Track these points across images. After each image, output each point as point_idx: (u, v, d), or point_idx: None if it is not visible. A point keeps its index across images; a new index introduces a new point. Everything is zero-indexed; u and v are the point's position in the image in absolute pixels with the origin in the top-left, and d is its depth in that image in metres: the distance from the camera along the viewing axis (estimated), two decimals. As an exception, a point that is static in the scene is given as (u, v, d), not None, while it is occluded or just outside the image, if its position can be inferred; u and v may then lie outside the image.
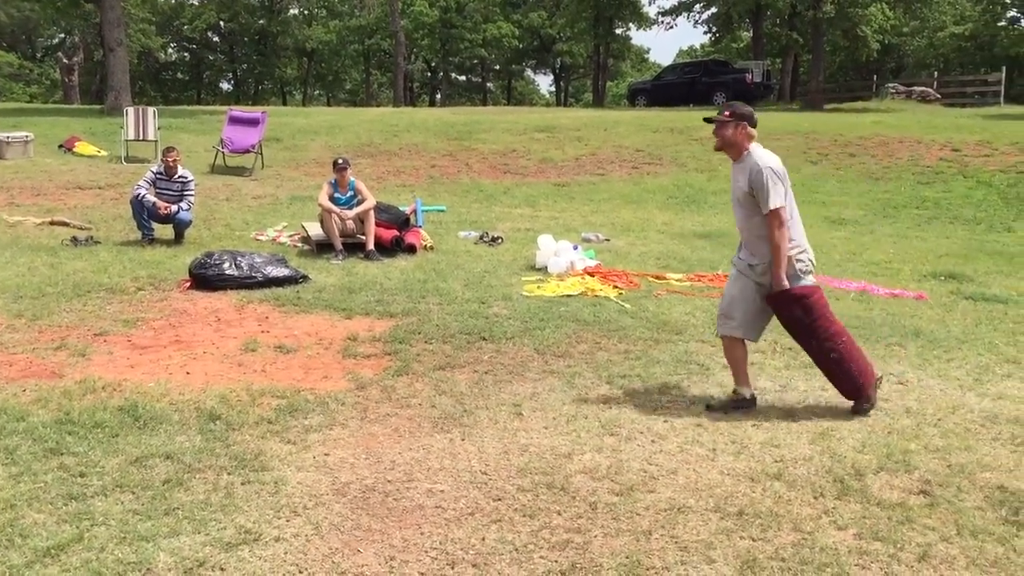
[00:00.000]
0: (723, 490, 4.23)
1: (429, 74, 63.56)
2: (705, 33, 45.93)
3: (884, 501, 4.14)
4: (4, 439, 4.67)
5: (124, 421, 4.96)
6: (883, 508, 4.07)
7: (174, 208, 10.05)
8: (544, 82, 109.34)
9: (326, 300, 7.95)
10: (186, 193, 10.22)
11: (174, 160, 10.23)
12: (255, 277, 8.34)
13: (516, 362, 6.23)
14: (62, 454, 4.50)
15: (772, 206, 5.03)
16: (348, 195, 9.97)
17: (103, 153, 15.85)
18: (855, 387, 5.29)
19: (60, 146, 16.19)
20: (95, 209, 12.11)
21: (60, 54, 48.51)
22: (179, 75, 65.31)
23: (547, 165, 17.61)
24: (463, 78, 64.86)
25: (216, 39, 62.78)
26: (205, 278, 8.26)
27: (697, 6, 41.45)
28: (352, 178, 10.06)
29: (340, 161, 10.02)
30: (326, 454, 4.62)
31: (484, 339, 6.76)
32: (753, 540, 3.76)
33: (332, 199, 9.86)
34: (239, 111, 16.80)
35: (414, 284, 8.57)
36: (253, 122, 15.70)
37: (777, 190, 5.04)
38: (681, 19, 43.08)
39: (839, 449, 4.76)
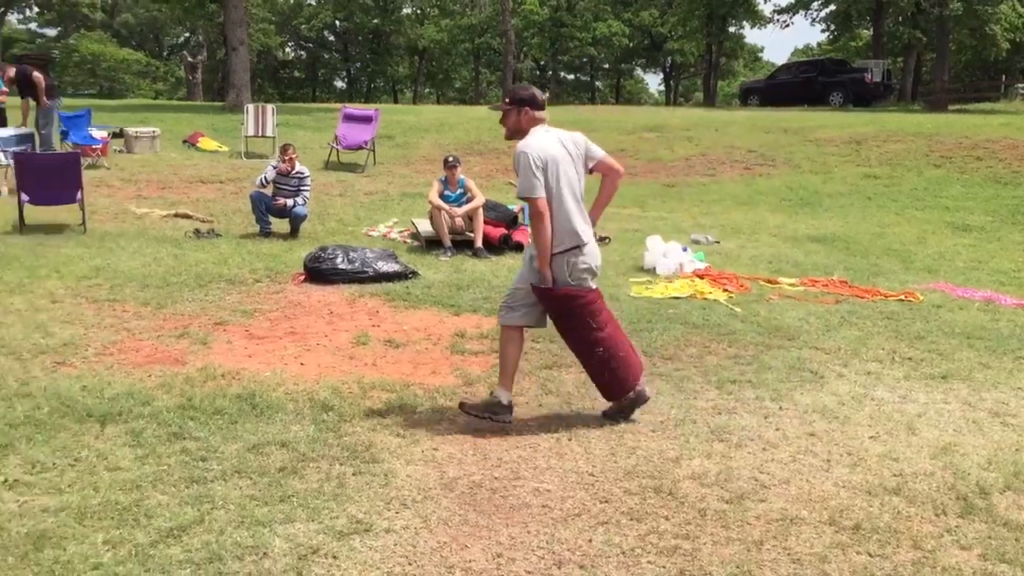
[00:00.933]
0: (838, 503, 4.11)
1: (538, 72, 63.73)
2: (823, 31, 44.59)
3: (1012, 522, 3.94)
4: (131, 422, 4.88)
5: (243, 408, 5.13)
6: (1010, 529, 3.87)
7: (290, 202, 10.34)
8: (653, 81, 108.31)
9: (435, 296, 8.05)
10: (303, 188, 10.50)
11: (291, 158, 10.52)
12: (366, 272, 8.51)
13: (623, 363, 6.18)
14: (184, 438, 4.68)
15: (522, 194, 4.76)
16: (458, 192, 10.08)
17: (224, 148, 16.44)
18: (615, 386, 5.10)
19: (184, 141, 16.86)
20: (216, 203, 12.58)
21: (185, 53, 50.55)
22: (296, 73, 67.22)
23: (656, 165, 17.45)
24: (572, 77, 64.83)
25: (331, 38, 64.40)
26: (319, 271, 8.48)
27: (815, 3, 40.39)
28: (462, 176, 10.16)
29: (450, 159, 10.14)
30: (435, 448, 4.68)
31: (591, 339, 6.73)
32: (870, 556, 3.63)
33: (442, 196, 9.97)
34: (353, 108, 17.16)
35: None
36: (366, 119, 16.03)
37: (530, 178, 4.69)
38: (798, 17, 41.84)
39: (963, 465, 4.56)
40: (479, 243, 9.77)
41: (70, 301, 7.49)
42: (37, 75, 13.74)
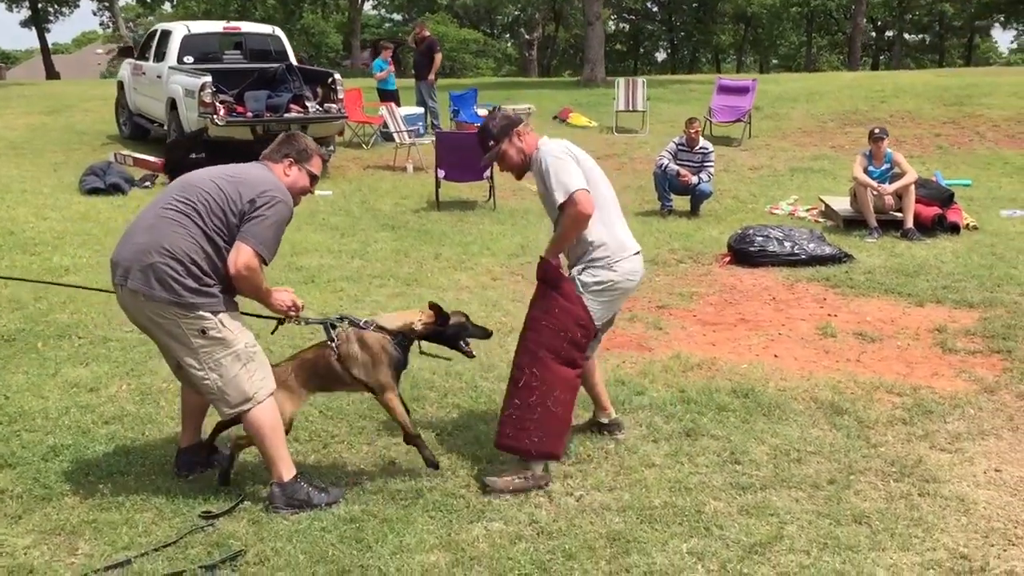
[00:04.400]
0: None
1: (874, 35, 59.23)
2: None
3: None
4: (636, 413, 4.71)
5: (747, 406, 4.80)
6: None
7: (695, 179, 9.99)
8: (1004, 39, 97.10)
9: (882, 283, 7.34)
10: (706, 164, 10.11)
11: (696, 132, 10.16)
12: (798, 255, 7.95)
13: None
14: (702, 435, 4.42)
15: (563, 198, 3.78)
16: (883, 168, 9.19)
17: (593, 124, 16.47)
18: (504, 433, 3.93)
19: (554, 117, 17.10)
20: (603, 179, 12.52)
21: (522, 31, 52.28)
22: (617, 46, 67.41)
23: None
24: (917, 38, 59.58)
25: (655, 9, 63.81)
26: (746, 253, 8.04)
27: None
28: (889, 149, 9.25)
29: (877, 131, 9.25)
30: (996, 469, 4.07)
31: (1111, 342, 5.74)
32: None
33: (865, 172, 9.14)
34: (728, 80, 16.55)
35: (977, 269, 7.63)
36: (742, 91, 15.36)
37: (563, 175, 3.81)
38: None
39: None
40: (910, 223, 8.85)
41: (508, 279, 7.62)
42: (439, 55, 14.52)
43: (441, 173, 10.54)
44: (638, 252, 4.10)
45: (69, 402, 4.76)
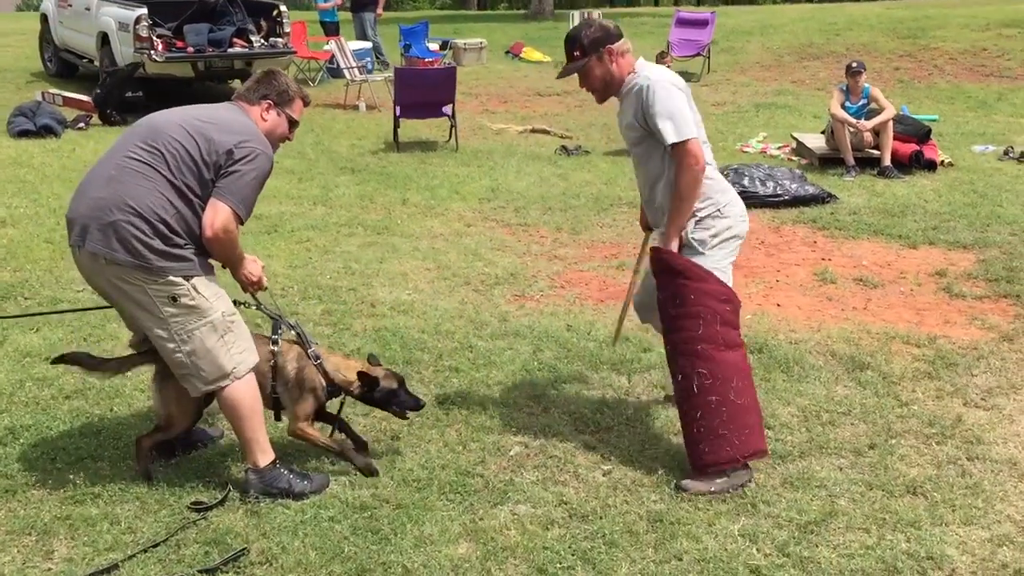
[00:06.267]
0: None
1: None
2: None
3: None
4: (645, 372, 4.39)
5: (763, 361, 4.53)
6: None
7: (665, 117, 9.61)
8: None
9: (869, 224, 7.13)
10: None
11: (667, 66, 9.75)
12: (780, 195, 7.69)
13: None
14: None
15: (677, 138, 3.31)
16: (860, 103, 8.92)
17: (548, 59, 15.93)
18: (701, 452, 3.36)
19: (507, 52, 16.51)
20: (564, 116, 12.07)
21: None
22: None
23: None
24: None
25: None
26: (728, 194, 7.74)
27: None
28: (867, 84, 8.97)
29: (854, 64, 8.95)
30: (1038, 427, 3.86)
31: (1117, 284, 5.59)
32: None
33: (842, 107, 8.87)
34: (686, 12, 16.08)
35: (962, 208, 7.45)
36: (701, 23, 14.93)
37: (676, 111, 3.33)
38: None
39: None
40: (887, 161, 8.63)
41: (483, 224, 7.23)
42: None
43: (398, 111, 9.99)
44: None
45: (23, 375, 4.27)
